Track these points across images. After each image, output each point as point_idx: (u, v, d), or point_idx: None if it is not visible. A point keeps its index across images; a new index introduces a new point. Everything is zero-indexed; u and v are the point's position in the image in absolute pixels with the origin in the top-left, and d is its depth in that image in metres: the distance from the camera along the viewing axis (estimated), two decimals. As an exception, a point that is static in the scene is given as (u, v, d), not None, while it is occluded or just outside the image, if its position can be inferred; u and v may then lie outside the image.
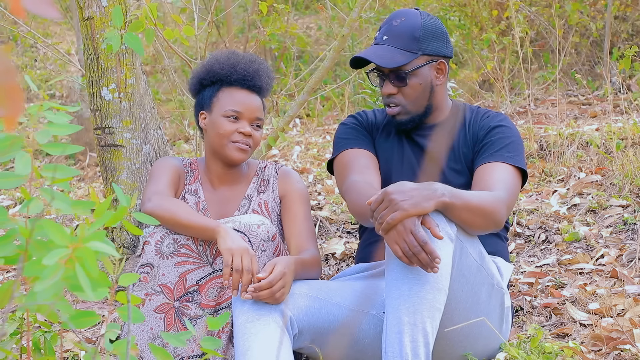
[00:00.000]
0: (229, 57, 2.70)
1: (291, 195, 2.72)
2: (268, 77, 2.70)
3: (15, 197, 4.62)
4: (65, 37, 8.64)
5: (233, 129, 2.62)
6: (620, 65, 4.66)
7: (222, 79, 2.67)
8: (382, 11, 6.19)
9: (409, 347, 2.13)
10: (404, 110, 2.61)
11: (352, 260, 3.42)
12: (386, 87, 2.60)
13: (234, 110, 2.63)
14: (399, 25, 2.58)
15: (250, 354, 2.25)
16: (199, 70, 2.73)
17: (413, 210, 2.14)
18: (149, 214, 2.42)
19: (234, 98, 2.65)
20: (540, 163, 4.10)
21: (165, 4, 6.05)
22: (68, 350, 2.83)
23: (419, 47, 2.56)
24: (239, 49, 7.36)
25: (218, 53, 2.76)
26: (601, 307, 2.77)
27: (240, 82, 2.66)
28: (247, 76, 2.65)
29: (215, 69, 2.68)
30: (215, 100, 2.66)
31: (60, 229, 1.32)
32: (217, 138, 2.64)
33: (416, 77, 2.58)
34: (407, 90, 2.58)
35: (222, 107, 2.64)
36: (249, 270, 2.36)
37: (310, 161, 4.81)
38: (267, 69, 2.72)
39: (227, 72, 2.66)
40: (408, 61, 2.55)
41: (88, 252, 1.31)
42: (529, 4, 6.40)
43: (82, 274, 1.30)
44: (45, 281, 1.29)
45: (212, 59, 2.72)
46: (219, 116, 2.64)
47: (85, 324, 1.51)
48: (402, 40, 2.56)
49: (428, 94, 2.61)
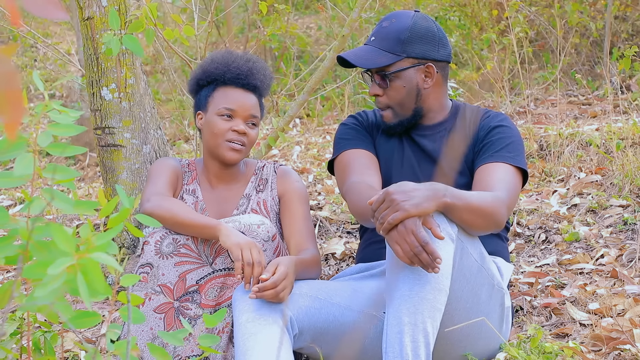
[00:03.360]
0: (225, 56, 2.70)
1: (290, 195, 2.72)
2: (264, 76, 2.70)
3: (15, 197, 4.62)
4: (65, 37, 8.64)
5: (227, 127, 2.62)
6: (620, 65, 4.66)
7: (217, 79, 2.67)
8: (382, 11, 6.19)
9: (409, 347, 2.13)
10: (393, 113, 2.62)
11: (352, 260, 3.42)
12: (372, 88, 2.63)
13: (227, 108, 2.63)
14: (387, 27, 2.59)
15: (251, 354, 2.26)
16: (197, 70, 2.73)
17: (414, 210, 2.14)
18: (148, 215, 2.42)
19: (227, 96, 2.65)
20: (540, 163, 4.10)
21: (165, 4, 6.05)
22: (68, 350, 2.83)
23: (403, 49, 2.56)
24: (239, 49, 7.37)
25: (215, 53, 2.76)
26: (601, 307, 2.77)
27: (234, 81, 2.66)
28: (241, 74, 2.65)
29: (210, 68, 2.68)
30: (211, 100, 2.67)
31: (65, 235, 1.31)
32: (211, 137, 2.64)
33: (399, 79, 2.58)
34: (390, 92, 2.59)
35: (216, 105, 2.65)
36: (260, 263, 2.38)
37: (310, 161, 4.81)
38: (262, 67, 2.71)
39: (222, 71, 2.66)
40: (388, 63, 2.55)
41: (92, 263, 1.31)
42: (529, 4, 6.40)
43: (83, 283, 1.30)
44: (46, 287, 1.29)
45: (209, 59, 2.73)
46: (213, 115, 2.64)
47: (85, 324, 1.51)
48: (386, 42, 2.57)
49: (414, 97, 2.61)
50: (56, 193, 1.40)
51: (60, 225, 1.33)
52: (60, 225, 1.34)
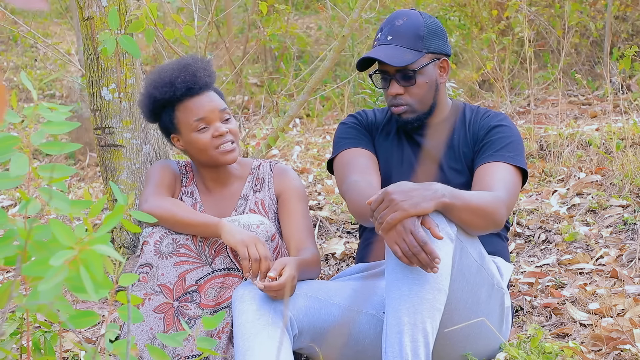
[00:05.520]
0: (162, 77, 2.59)
1: (287, 193, 2.71)
2: (205, 69, 2.61)
3: (15, 197, 4.62)
4: (65, 37, 8.64)
5: (209, 137, 2.57)
6: (620, 65, 4.66)
7: (170, 100, 2.59)
8: (382, 11, 6.19)
9: (409, 347, 2.13)
10: (410, 109, 2.60)
11: (352, 260, 3.42)
12: (393, 88, 2.59)
13: (198, 120, 2.57)
14: (402, 25, 2.58)
15: (250, 354, 2.26)
16: (145, 103, 2.63)
17: (413, 210, 2.14)
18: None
19: (191, 110, 2.57)
20: (540, 163, 4.10)
21: (165, 4, 6.05)
22: (68, 350, 2.83)
23: (424, 45, 2.57)
24: (239, 49, 7.37)
25: (151, 78, 2.64)
26: (601, 307, 2.77)
27: (187, 93, 2.58)
28: (189, 83, 2.57)
29: (157, 96, 2.59)
30: (177, 121, 2.59)
31: (66, 229, 1.32)
32: (200, 153, 2.60)
33: (422, 75, 2.58)
34: (414, 89, 2.58)
35: (187, 123, 2.58)
36: (267, 257, 2.39)
37: (310, 161, 4.81)
38: (199, 62, 2.63)
39: (170, 91, 2.57)
40: (415, 59, 2.55)
41: (94, 255, 1.31)
42: (529, 4, 6.40)
43: (87, 276, 1.30)
44: (49, 281, 1.29)
45: (149, 88, 2.61)
46: (190, 133, 2.58)
47: (85, 324, 1.51)
48: (407, 39, 2.56)
49: (433, 92, 2.62)
50: (54, 193, 1.40)
51: (61, 222, 1.33)
52: (61, 222, 1.34)
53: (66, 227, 1.32)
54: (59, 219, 3.76)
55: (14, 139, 1.46)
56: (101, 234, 1.33)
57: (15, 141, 1.45)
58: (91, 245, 1.31)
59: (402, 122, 2.63)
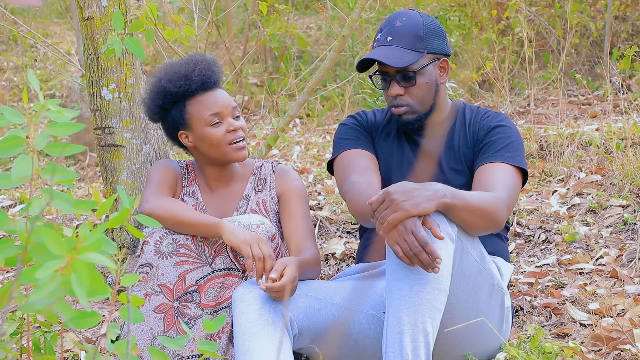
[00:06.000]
0: (176, 70, 2.60)
1: (289, 194, 2.71)
2: (217, 67, 2.64)
3: (15, 197, 4.62)
4: (65, 37, 8.64)
5: (223, 132, 2.58)
6: (620, 65, 4.66)
7: (183, 94, 2.59)
8: (382, 11, 6.19)
9: (409, 347, 2.13)
10: (410, 110, 2.60)
11: (352, 260, 3.42)
12: (393, 89, 2.59)
13: (214, 114, 2.57)
14: (402, 26, 2.58)
15: (250, 354, 2.26)
16: (153, 97, 2.63)
17: (414, 210, 2.14)
18: (148, 215, 2.42)
19: (206, 104, 2.59)
20: (540, 163, 4.10)
21: (165, 4, 6.05)
22: (68, 350, 2.83)
23: (424, 45, 2.57)
24: (239, 49, 7.37)
25: (162, 74, 2.64)
26: (601, 307, 2.77)
27: (202, 87, 2.59)
28: (205, 77, 2.59)
29: (171, 89, 2.59)
30: (189, 116, 2.60)
31: (56, 237, 1.31)
32: (213, 148, 2.60)
33: (423, 76, 2.58)
34: (415, 90, 2.58)
35: (201, 118, 2.58)
36: (270, 255, 2.39)
37: (310, 161, 4.81)
38: (212, 61, 2.65)
39: (186, 85, 2.58)
40: (415, 60, 2.55)
41: (82, 264, 1.30)
42: (529, 4, 6.40)
43: (77, 284, 1.30)
44: (41, 291, 1.29)
45: (163, 81, 2.61)
46: (203, 128, 2.58)
47: (85, 324, 1.51)
48: (407, 40, 2.56)
49: (434, 93, 2.61)
50: (55, 193, 1.40)
51: (50, 228, 1.33)
52: (51, 228, 1.33)
53: (56, 234, 1.31)
54: (57, 220, 3.76)
55: (19, 139, 1.45)
56: (92, 240, 1.32)
57: (20, 141, 1.44)
58: (81, 253, 1.30)
59: (402, 123, 2.63)
